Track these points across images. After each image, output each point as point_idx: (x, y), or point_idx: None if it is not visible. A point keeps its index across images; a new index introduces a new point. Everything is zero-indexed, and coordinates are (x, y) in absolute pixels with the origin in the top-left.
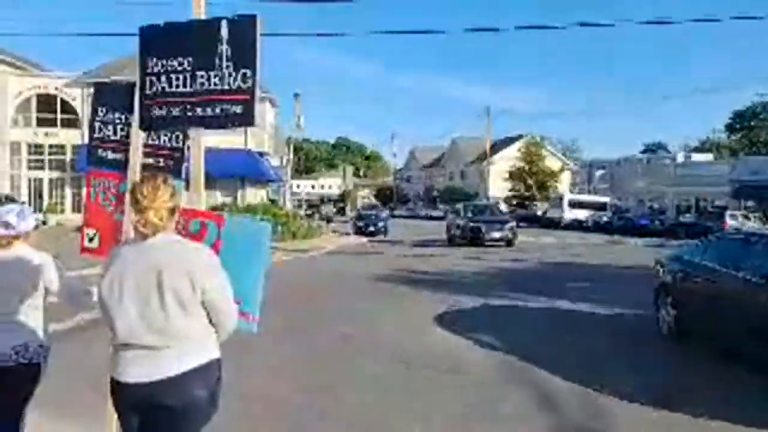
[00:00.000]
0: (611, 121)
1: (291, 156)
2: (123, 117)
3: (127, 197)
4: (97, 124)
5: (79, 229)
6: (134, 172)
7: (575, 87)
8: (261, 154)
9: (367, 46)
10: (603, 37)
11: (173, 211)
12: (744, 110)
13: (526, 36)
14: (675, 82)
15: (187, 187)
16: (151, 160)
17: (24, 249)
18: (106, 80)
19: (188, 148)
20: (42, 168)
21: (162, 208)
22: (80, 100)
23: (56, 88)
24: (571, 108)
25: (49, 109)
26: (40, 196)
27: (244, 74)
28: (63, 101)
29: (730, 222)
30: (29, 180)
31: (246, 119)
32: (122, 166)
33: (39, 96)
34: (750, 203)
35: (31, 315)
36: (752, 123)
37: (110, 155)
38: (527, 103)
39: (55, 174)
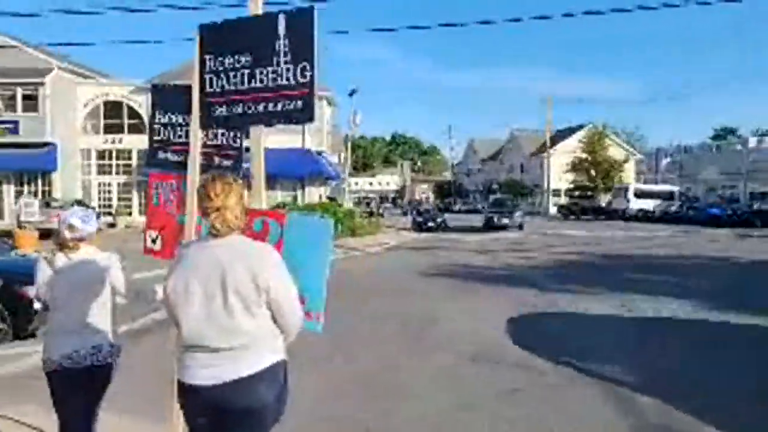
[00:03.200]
0: (677, 106)
1: (349, 153)
2: (181, 118)
3: (189, 198)
4: (156, 127)
5: (144, 230)
6: (195, 173)
7: (639, 72)
8: (319, 152)
9: (421, 39)
10: (661, 18)
11: (244, 210)
12: None
13: (580, 22)
14: (741, 64)
15: (247, 187)
16: (209, 161)
17: (90, 250)
18: (163, 83)
19: (246, 148)
20: (110, 173)
21: (236, 206)
22: (145, 106)
23: (122, 96)
24: (634, 94)
25: (116, 115)
26: (110, 200)
27: (303, 68)
28: (129, 107)
29: None
30: (99, 184)
31: (306, 115)
32: (182, 167)
33: (106, 103)
34: None
35: (101, 315)
36: None
37: (170, 157)
38: (589, 90)
39: (123, 178)
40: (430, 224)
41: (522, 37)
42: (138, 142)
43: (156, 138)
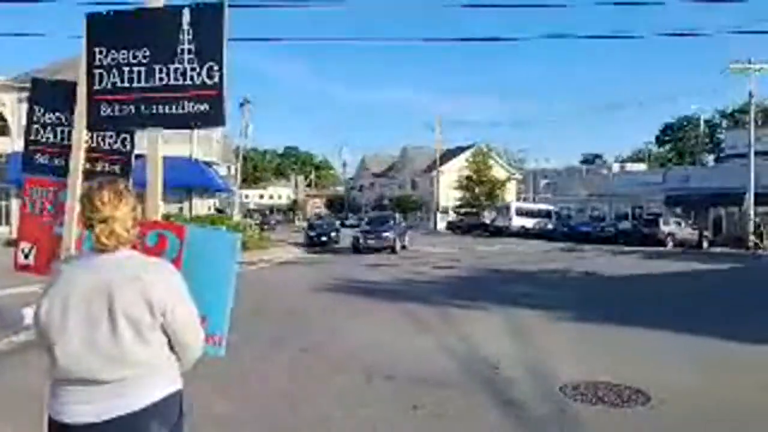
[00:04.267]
0: (555, 131)
1: (239, 165)
2: (63, 118)
3: (70, 207)
4: (33, 127)
5: (9, 243)
6: (77, 179)
7: (523, 98)
8: (208, 163)
9: (316, 53)
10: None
11: (136, 221)
12: (672, 123)
13: (476, 47)
14: (613, 95)
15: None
16: (93, 166)
17: None
18: (45, 78)
19: (138, 155)
20: None
21: (127, 217)
22: (10, 106)
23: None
24: (518, 117)
25: None
26: None
27: (210, 68)
28: None
29: (663, 227)
30: None
31: (214, 119)
32: (63, 172)
33: None
34: (679, 210)
35: None
36: (680, 135)
37: (49, 161)
38: (477, 112)
39: None
40: (323, 239)
41: (411, 59)
42: (1, 145)
43: (32, 139)
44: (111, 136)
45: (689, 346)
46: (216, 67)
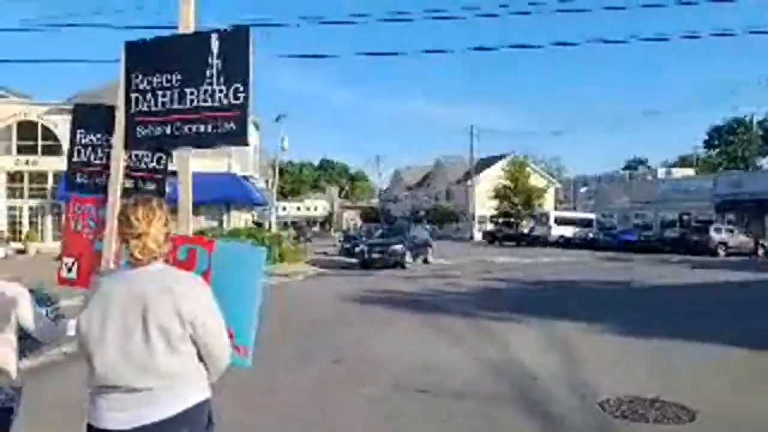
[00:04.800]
0: (593, 137)
1: (276, 178)
2: (103, 139)
3: (109, 223)
4: (76, 148)
5: (59, 257)
6: (116, 196)
7: (557, 105)
8: (246, 177)
9: (349, 68)
10: (582, 56)
11: (167, 237)
12: (721, 125)
13: (505, 56)
14: (654, 98)
15: (172, 212)
16: (131, 184)
17: None
18: (86, 103)
19: (172, 171)
20: (21, 196)
21: (159, 233)
22: (61, 127)
23: (37, 116)
24: (553, 125)
25: (30, 136)
26: (20, 225)
27: (236, 89)
28: (44, 128)
29: (714, 235)
30: (8, 209)
31: (239, 137)
32: (103, 190)
33: (20, 123)
34: (731, 216)
35: (4, 353)
36: (730, 138)
37: (90, 180)
38: (510, 122)
39: (36, 202)
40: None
41: (443, 68)
42: (54, 164)
43: (75, 159)
44: (147, 156)
45: (739, 361)
46: (241, 89)
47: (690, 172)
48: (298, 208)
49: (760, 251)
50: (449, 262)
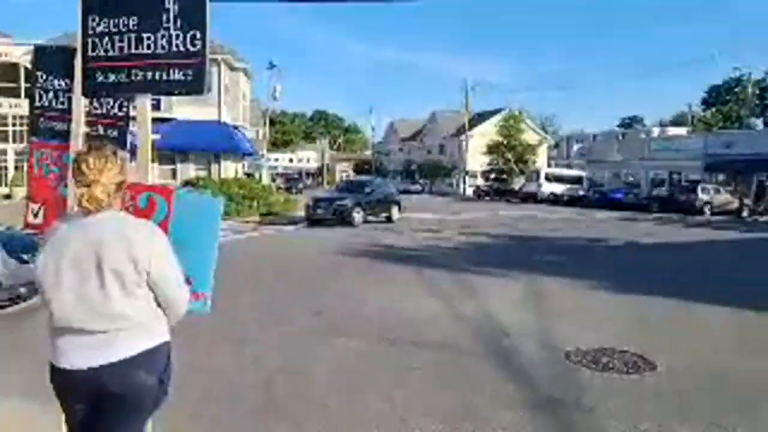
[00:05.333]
0: (589, 95)
1: (267, 128)
2: (64, 83)
3: (71, 169)
4: (37, 92)
5: (26, 203)
6: (77, 143)
7: (555, 61)
8: (236, 126)
9: (344, 17)
10: (584, 7)
11: (120, 186)
12: (720, 85)
13: (506, 6)
14: (653, 56)
15: (132, 158)
16: (94, 130)
17: None
18: (47, 44)
19: (133, 117)
20: (6, 140)
21: (110, 182)
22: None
23: (18, 57)
24: (550, 82)
25: (11, 78)
26: (5, 169)
27: (193, 36)
28: (27, 70)
29: (701, 195)
30: None
31: (196, 86)
32: (66, 136)
33: (1, 65)
34: (721, 176)
35: None
36: (728, 97)
37: (53, 125)
38: (507, 76)
39: (21, 146)
40: None
41: (443, 18)
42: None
43: (37, 104)
44: (109, 102)
45: (706, 316)
46: (199, 36)
47: (683, 131)
48: (290, 160)
49: (745, 211)
50: (420, 217)
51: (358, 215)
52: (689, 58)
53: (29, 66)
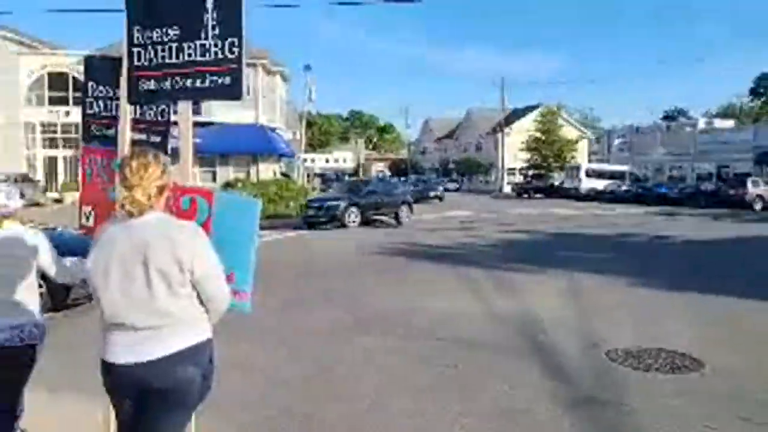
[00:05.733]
0: (630, 88)
1: (303, 130)
2: (113, 91)
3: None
4: (88, 100)
5: (79, 207)
6: (124, 148)
7: (593, 54)
8: (273, 128)
9: (378, 17)
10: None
11: (162, 189)
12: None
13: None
14: (697, 46)
15: (174, 162)
16: (140, 136)
17: (16, 227)
18: (96, 54)
19: (174, 122)
20: (56, 147)
21: (150, 186)
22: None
23: (67, 66)
24: (589, 75)
25: (61, 87)
26: (56, 175)
27: (231, 43)
28: (75, 79)
29: (751, 189)
30: (44, 159)
31: (234, 92)
32: (113, 142)
33: (51, 74)
34: None
35: (27, 294)
36: None
37: (103, 131)
38: (544, 71)
39: (69, 152)
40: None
41: (478, 17)
42: None
43: (89, 112)
44: (151, 108)
45: (760, 316)
46: (236, 43)
47: (731, 123)
48: (326, 161)
49: None
50: (431, 218)
51: (352, 217)
52: (734, 48)
53: (77, 75)
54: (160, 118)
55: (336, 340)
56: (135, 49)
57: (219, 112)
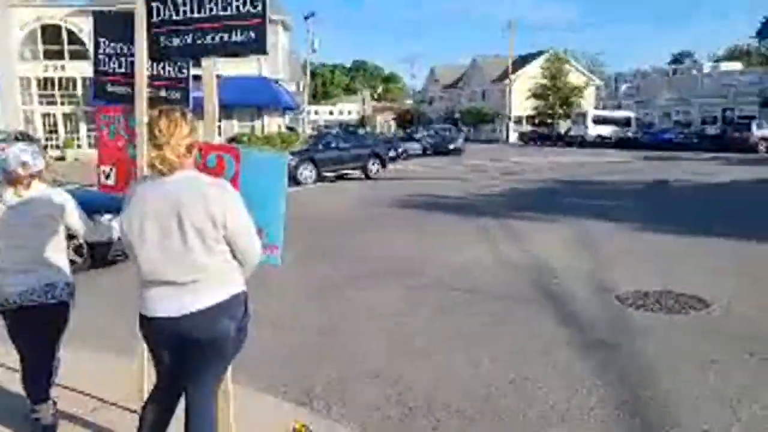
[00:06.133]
0: (637, 30)
1: (307, 81)
2: (126, 48)
3: (140, 131)
4: (100, 57)
5: (98, 166)
6: (142, 106)
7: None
8: (276, 80)
9: None
10: None
11: (191, 147)
12: None
13: None
14: None
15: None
16: (157, 93)
17: (43, 188)
18: (105, 9)
19: (193, 77)
20: (54, 103)
21: (180, 144)
22: (87, 31)
23: (61, 19)
24: (594, 19)
25: (55, 41)
26: (56, 132)
27: None
28: (69, 32)
29: (756, 132)
30: (42, 115)
31: (259, 46)
32: (130, 99)
33: (44, 27)
34: None
35: (57, 253)
36: None
37: (116, 89)
38: (551, 15)
39: (68, 109)
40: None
41: None
42: (82, 69)
43: (100, 69)
44: (169, 64)
45: (764, 255)
46: None
47: (738, 66)
48: (331, 113)
49: None
50: (419, 169)
51: (305, 174)
52: None
53: (72, 28)
54: (178, 74)
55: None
56: (155, 4)
57: (220, 63)
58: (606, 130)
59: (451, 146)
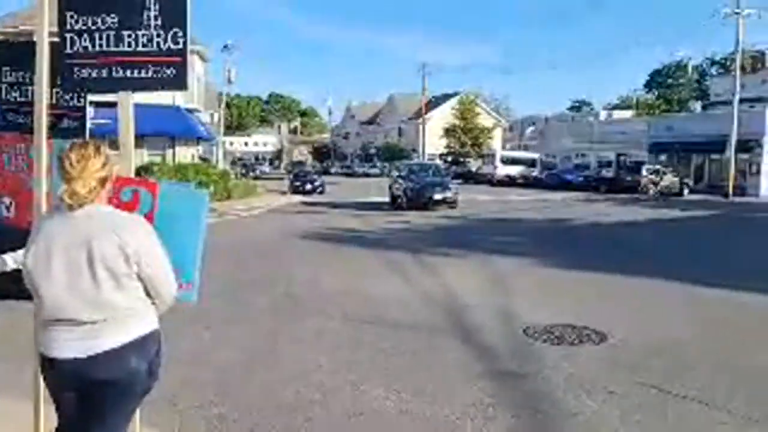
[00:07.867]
0: (543, 77)
1: (222, 112)
2: (29, 77)
3: (37, 164)
4: (2, 86)
5: None
6: (41, 136)
7: (510, 43)
8: (190, 110)
9: None
10: None
11: (104, 181)
12: (660, 69)
13: None
14: (604, 39)
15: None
16: (58, 122)
17: None
18: (10, 39)
19: (99, 103)
20: None
21: (91, 178)
22: None
23: None
24: (504, 63)
25: None
26: None
27: (175, 34)
28: None
29: (645, 176)
30: None
31: (178, 83)
32: (28, 129)
33: None
34: (663, 158)
35: None
36: (669, 81)
37: (19, 119)
38: (463, 58)
39: None
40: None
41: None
42: None
43: (3, 97)
44: (67, 93)
45: (655, 289)
46: (180, 33)
47: (629, 114)
48: (246, 144)
49: (685, 190)
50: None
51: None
52: (631, 43)
53: None
54: (77, 103)
55: None
56: (68, 35)
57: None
58: (513, 170)
59: (438, 197)
